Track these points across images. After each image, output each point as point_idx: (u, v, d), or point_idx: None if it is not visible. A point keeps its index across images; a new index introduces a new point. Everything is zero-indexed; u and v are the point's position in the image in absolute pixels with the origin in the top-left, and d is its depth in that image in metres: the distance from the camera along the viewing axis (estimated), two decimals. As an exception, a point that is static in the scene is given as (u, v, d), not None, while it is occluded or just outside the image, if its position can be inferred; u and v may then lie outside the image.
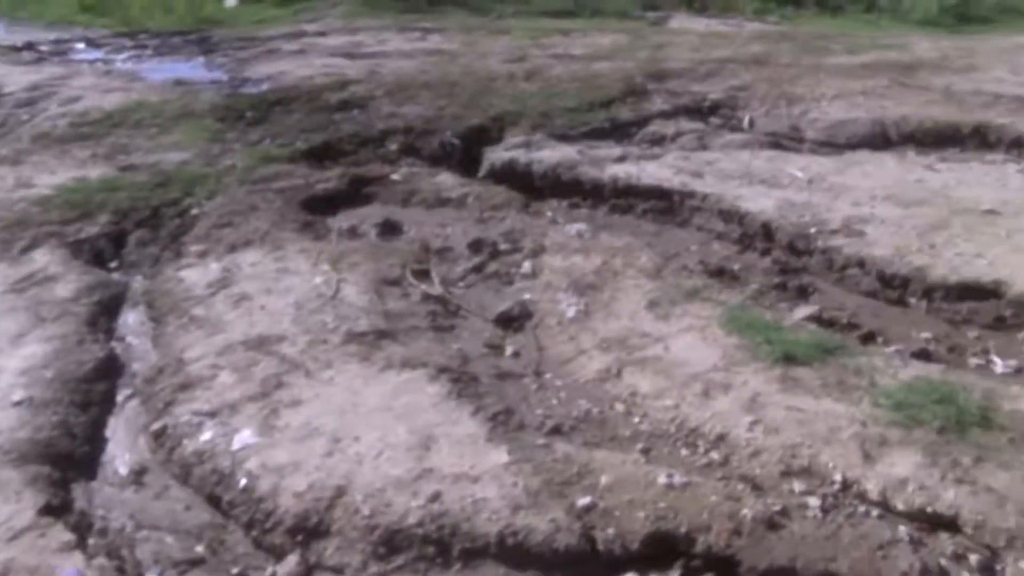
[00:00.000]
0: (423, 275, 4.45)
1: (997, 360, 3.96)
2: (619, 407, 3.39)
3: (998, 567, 2.69)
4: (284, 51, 9.67)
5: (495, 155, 6.15)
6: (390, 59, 9.07)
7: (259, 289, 4.22)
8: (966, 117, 7.07)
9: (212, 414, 3.27)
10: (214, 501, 2.98)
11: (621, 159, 5.90)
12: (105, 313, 4.15)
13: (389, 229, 5.10)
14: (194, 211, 5.21)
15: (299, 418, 3.23)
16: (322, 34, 10.62)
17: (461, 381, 3.51)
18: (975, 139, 6.81)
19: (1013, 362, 3.94)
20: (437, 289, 4.34)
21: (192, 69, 9.17)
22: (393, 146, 6.43)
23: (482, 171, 6.08)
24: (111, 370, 3.74)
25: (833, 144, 6.59)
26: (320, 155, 6.22)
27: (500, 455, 3.00)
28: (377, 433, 3.12)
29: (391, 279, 4.39)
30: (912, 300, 4.42)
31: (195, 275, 4.43)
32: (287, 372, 3.52)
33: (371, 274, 4.39)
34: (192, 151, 6.20)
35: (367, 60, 9.00)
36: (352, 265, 4.48)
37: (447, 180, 5.86)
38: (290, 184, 5.58)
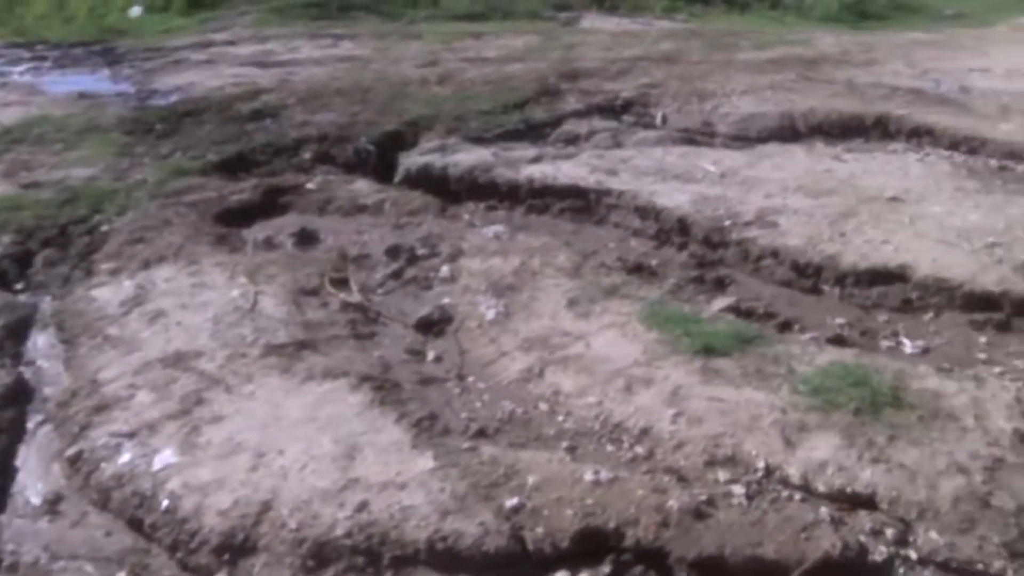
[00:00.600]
0: (341, 284, 4.41)
1: (906, 342, 4.10)
2: (543, 406, 3.40)
3: (911, 538, 2.81)
4: (192, 61, 9.46)
5: (410, 160, 6.12)
6: (302, 67, 8.95)
7: (175, 305, 4.12)
8: (868, 109, 7.32)
9: (131, 435, 3.19)
10: (136, 525, 2.90)
11: (536, 160, 5.93)
12: (11, 337, 4.01)
13: (306, 238, 5.03)
14: (104, 228, 5.07)
15: (221, 434, 3.17)
16: (231, 43, 10.42)
17: (384, 389, 3.47)
18: (877, 129, 7.06)
19: (921, 343, 4.09)
20: (356, 297, 4.30)
21: (97, 81, 8.89)
22: (307, 155, 6.35)
23: (398, 176, 6.05)
24: (20, 396, 3.61)
25: (744, 138, 6.74)
26: (233, 166, 6.10)
27: (426, 461, 2.98)
28: (301, 445, 3.08)
29: (309, 289, 4.33)
30: (825, 287, 4.55)
31: (108, 293, 4.31)
32: (207, 388, 3.45)
33: (289, 285, 4.33)
34: (100, 166, 6.02)
35: (278, 69, 8.87)
36: (269, 277, 4.41)
37: (363, 187, 5.80)
38: (203, 197, 5.47)
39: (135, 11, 12.44)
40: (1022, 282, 4.41)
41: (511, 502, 2.79)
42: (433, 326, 4.08)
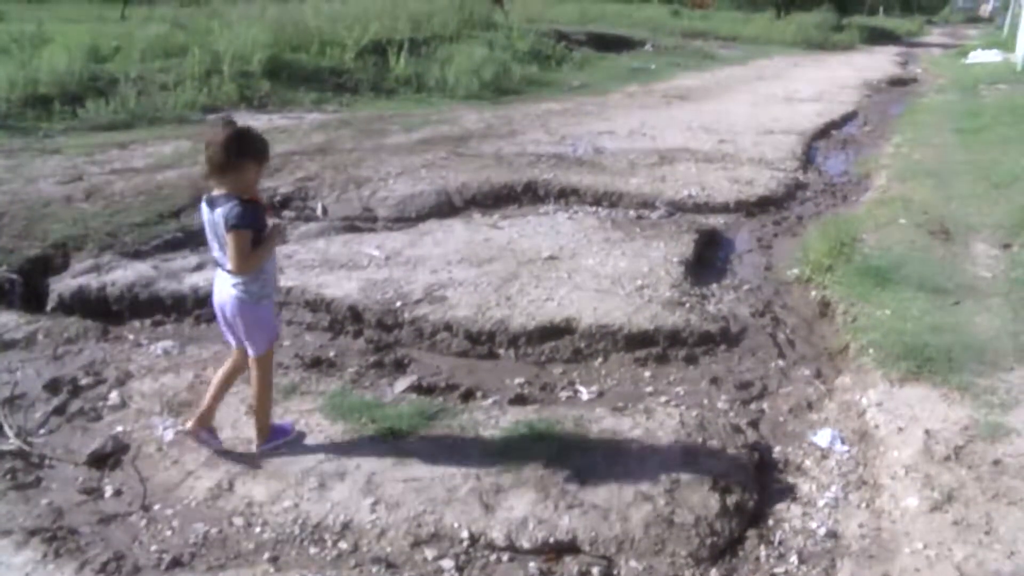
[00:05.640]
0: (-6, 431, 3.96)
1: (582, 389, 4.37)
2: (238, 521, 3.23)
3: (615, 571, 3.00)
4: None
5: (62, 284, 5.67)
6: (-83, 197, 8.04)
7: None
8: (517, 176, 7.84)
9: None
10: None
11: (200, 267, 5.70)
12: None
13: (-59, 392, 4.48)
14: None
15: None
16: None
17: (57, 539, 3.14)
18: (528, 195, 7.59)
19: (595, 388, 4.38)
20: (13, 443, 3.87)
21: None
22: (-66, 294, 5.69)
23: (50, 304, 5.56)
24: None
25: (404, 219, 6.95)
26: None
27: (116, 609, 2.74)
28: (-42, 629, 2.71)
29: (-46, 447, 3.85)
30: (501, 351, 4.74)
31: None
32: None
33: (-74, 446, 3.82)
34: None
35: None
36: (-101, 440, 3.87)
37: (9, 320, 5.26)
38: None
39: None
40: (671, 316, 4.87)
41: (215, 631, 2.63)
42: (108, 459, 3.75)
